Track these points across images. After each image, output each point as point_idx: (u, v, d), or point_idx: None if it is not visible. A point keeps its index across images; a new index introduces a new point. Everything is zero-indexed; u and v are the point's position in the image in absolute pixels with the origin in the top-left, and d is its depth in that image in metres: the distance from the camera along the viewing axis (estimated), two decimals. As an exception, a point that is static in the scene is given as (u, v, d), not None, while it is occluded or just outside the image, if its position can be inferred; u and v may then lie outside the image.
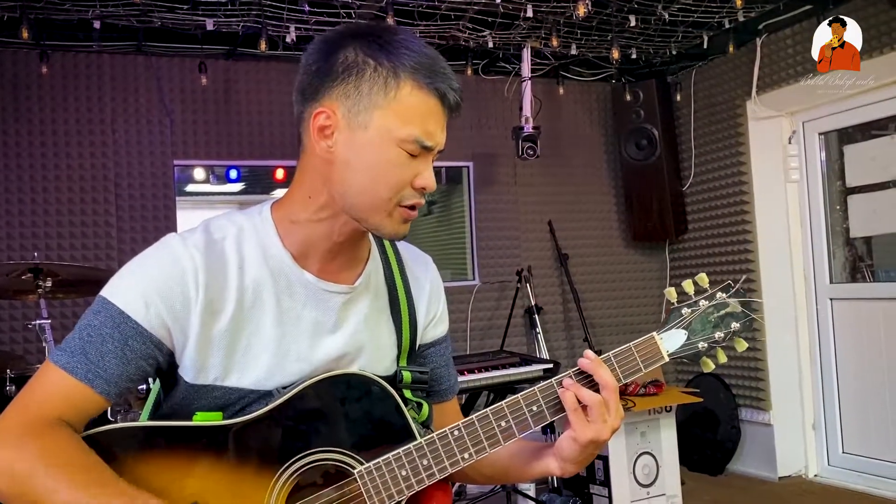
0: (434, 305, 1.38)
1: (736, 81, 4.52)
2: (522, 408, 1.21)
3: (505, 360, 3.39)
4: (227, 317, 1.16)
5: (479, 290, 4.69)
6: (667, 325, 1.28)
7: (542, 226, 4.84)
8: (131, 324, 1.11)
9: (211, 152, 4.22)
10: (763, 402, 4.47)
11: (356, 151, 1.14)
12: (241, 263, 1.18)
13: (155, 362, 1.15)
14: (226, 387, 1.17)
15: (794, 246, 4.49)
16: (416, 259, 1.39)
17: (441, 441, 1.18)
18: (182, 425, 1.14)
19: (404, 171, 1.15)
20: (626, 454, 3.79)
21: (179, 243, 1.16)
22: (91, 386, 1.09)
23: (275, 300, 1.19)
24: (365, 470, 1.16)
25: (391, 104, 1.12)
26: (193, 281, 1.14)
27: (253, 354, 1.18)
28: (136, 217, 4.04)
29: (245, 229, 1.21)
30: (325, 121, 1.14)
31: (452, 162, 4.74)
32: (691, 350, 1.28)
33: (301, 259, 1.21)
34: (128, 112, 4.05)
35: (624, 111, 4.88)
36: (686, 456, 4.32)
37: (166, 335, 1.14)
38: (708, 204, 4.80)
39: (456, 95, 1.16)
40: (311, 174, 1.19)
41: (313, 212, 1.19)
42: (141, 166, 4.07)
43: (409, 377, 1.30)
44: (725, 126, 4.62)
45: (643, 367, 1.25)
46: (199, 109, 4.19)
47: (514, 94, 4.62)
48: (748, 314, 1.30)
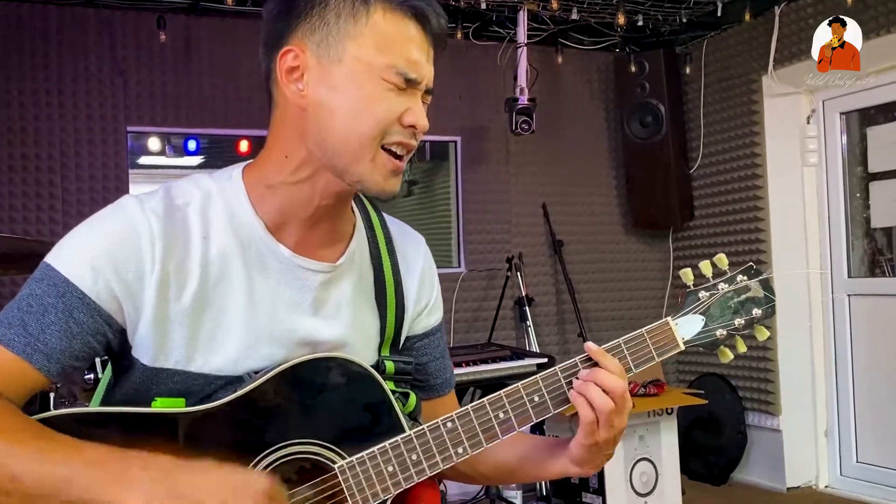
0: (427, 292, 1.36)
1: (751, 54, 4.52)
2: (523, 398, 1.20)
3: (494, 354, 3.39)
4: (190, 293, 1.14)
5: (465, 279, 4.68)
6: (683, 310, 1.28)
7: (535, 209, 4.83)
8: (77, 293, 1.08)
9: (168, 118, 4.16)
10: (772, 405, 4.50)
11: (331, 89, 1.12)
12: (207, 233, 1.16)
13: (104, 339, 1.12)
14: (188, 372, 1.14)
15: (811, 236, 4.51)
16: (406, 237, 1.37)
17: (432, 434, 1.17)
18: (139, 411, 1.11)
19: (390, 106, 1.12)
20: (623, 460, 3.80)
21: (136, 207, 1.13)
22: (29, 361, 1.07)
23: (244, 276, 1.17)
24: (347, 464, 1.14)
25: (364, 31, 1.11)
26: (149, 250, 1.11)
27: (219, 337, 1.15)
28: (83, 189, 3.98)
29: (212, 195, 1.18)
30: (293, 61, 1.13)
31: (438, 136, 4.72)
32: (709, 338, 1.27)
33: (276, 230, 1.19)
34: (77, 71, 3.98)
35: (628, 84, 4.87)
36: (687, 463, 4.34)
37: (116, 309, 1.11)
38: (717, 188, 4.81)
39: (437, 17, 1.14)
40: (284, 129, 1.17)
41: (290, 172, 1.17)
42: (90, 132, 4.01)
43: (393, 367, 1.28)
44: (738, 103, 4.63)
45: (656, 355, 1.25)
46: (157, 70, 4.12)
47: (508, 63, 4.59)
48: (771, 299, 1.30)
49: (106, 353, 1.15)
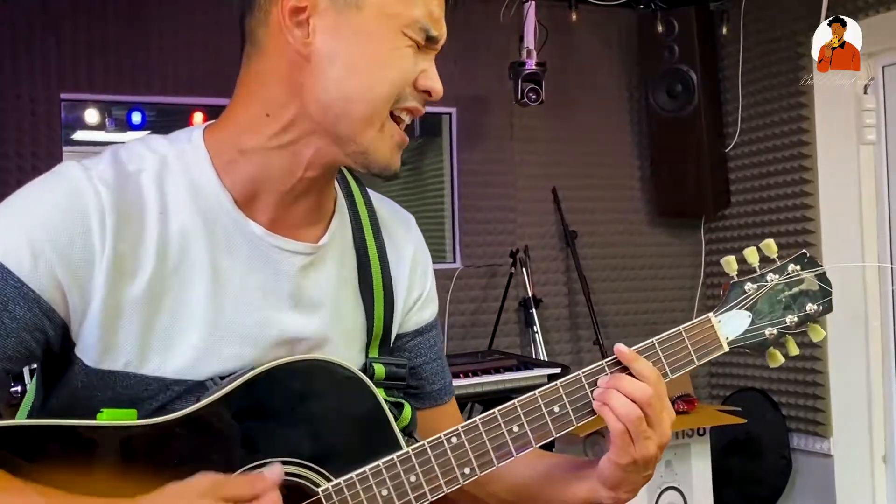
0: (419, 281, 1.37)
1: (799, 11, 4.52)
2: (541, 408, 1.21)
3: (498, 363, 3.40)
4: (144, 279, 1.12)
5: (462, 276, 4.69)
6: (726, 305, 1.30)
7: (544, 194, 4.85)
8: (13, 281, 1.06)
9: (109, 84, 4.14)
10: (822, 426, 4.53)
11: (344, 39, 1.12)
12: (164, 207, 1.14)
13: (43, 337, 1.09)
14: (141, 375, 1.13)
15: (867, 225, 4.52)
16: (394, 217, 1.37)
17: (434, 451, 1.16)
18: (82, 424, 1.08)
19: (408, 64, 1.15)
20: (647, 489, 3.82)
21: (81, 174, 1.11)
22: None
23: (208, 259, 1.15)
24: (333, 488, 1.13)
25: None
26: (99, 225, 1.09)
27: (178, 331, 1.14)
28: (9, 168, 3.96)
29: (169, 162, 1.16)
30: (300, 0, 1.10)
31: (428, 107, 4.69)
32: (756, 338, 1.29)
33: (246, 204, 1.17)
34: (2, 28, 3.95)
35: (653, 47, 4.88)
36: (721, 492, 4.35)
37: (59, 299, 1.09)
38: (757, 171, 4.83)
39: None
40: (270, 81, 1.15)
41: (271, 135, 1.15)
42: (17, 99, 3.98)
43: (383, 371, 1.28)
44: (784, 70, 4.64)
45: (696, 357, 1.27)
46: (96, 28, 4.09)
47: (513, 21, 4.58)
48: (828, 292, 1.32)
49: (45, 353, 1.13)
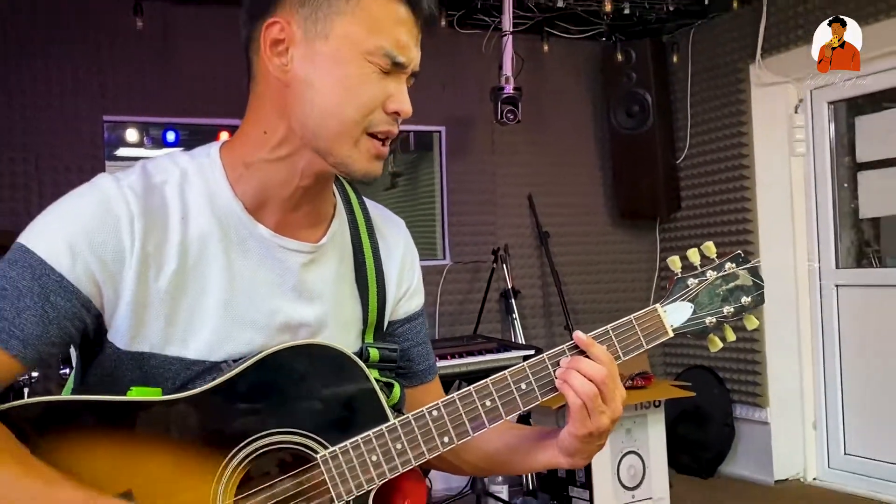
0: (408, 275, 1.35)
1: (738, 43, 4.52)
2: (510, 385, 1.19)
3: (481, 346, 3.39)
4: (168, 275, 1.11)
5: (451, 271, 4.66)
6: (671, 297, 1.28)
7: (521, 200, 4.82)
8: (55, 276, 1.05)
9: (146, 108, 4.12)
10: (760, 398, 4.52)
11: (317, 66, 1.09)
12: (185, 213, 1.13)
13: (81, 325, 1.09)
14: (165, 356, 1.12)
15: (798, 227, 4.53)
16: (386, 220, 1.36)
17: (417, 422, 1.15)
18: (114, 400, 1.08)
19: (374, 90, 1.10)
20: (610, 453, 3.81)
21: (113, 185, 1.11)
22: (5, 347, 1.03)
23: (223, 257, 1.14)
24: (329, 454, 1.12)
25: (354, 10, 1.09)
26: (129, 229, 1.08)
27: (197, 319, 1.13)
28: (60, 181, 3.92)
29: (190, 173, 1.15)
30: (279, 33, 1.10)
31: (422, 126, 4.69)
32: (698, 325, 1.27)
33: (256, 210, 1.16)
34: (51, 60, 3.92)
35: (614, 73, 4.87)
36: (674, 456, 4.35)
37: (95, 293, 1.08)
38: (704, 179, 4.82)
39: (428, 2, 1.13)
40: (264, 104, 1.14)
41: (270, 150, 1.14)
42: (66, 122, 3.95)
43: (377, 355, 1.26)
44: (726, 93, 4.63)
45: (645, 342, 1.25)
46: (134, 58, 4.07)
47: (494, 51, 4.56)
48: (760, 286, 1.30)
49: (83, 338, 1.12)
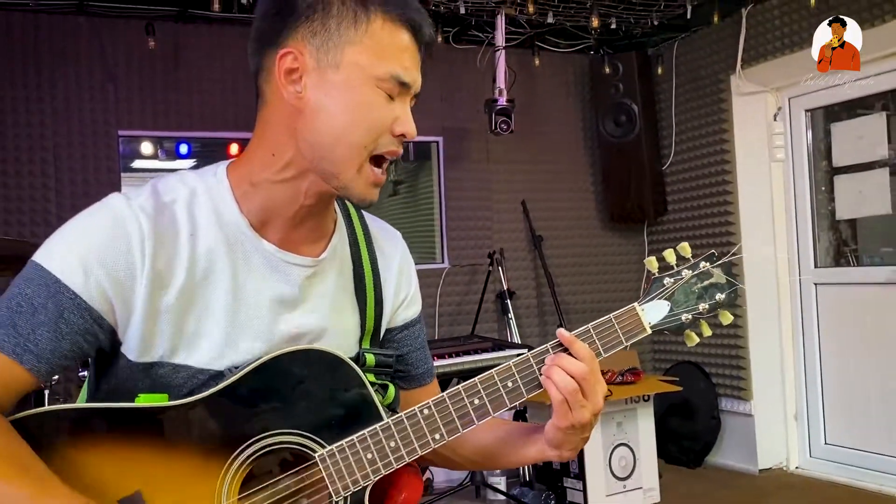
0: (405, 285, 1.35)
1: (720, 55, 4.53)
2: (497, 383, 1.20)
3: (476, 346, 3.39)
4: (177, 289, 1.11)
5: (449, 274, 4.67)
6: (648, 296, 1.28)
7: (515, 206, 4.83)
8: (68, 294, 1.05)
9: (159, 123, 4.12)
10: (744, 391, 4.52)
11: (329, 93, 1.10)
12: (194, 230, 1.13)
13: (95, 340, 1.09)
14: (173, 364, 1.12)
15: (778, 229, 4.53)
16: (384, 234, 1.36)
17: (409, 421, 1.16)
18: (123, 407, 1.09)
19: (383, 114, 1.12)
20: (602, 446, 3.81)
21: (124, 205, 1.10)
22: (19, 361, 1.03)
23: (230, 271, 1.15)
24: (327, 453, 1.13)
25: (363, 39, 1.10)
26: (139, 248, 1.08)
27: (204, 330, 1.13)
28: (77, 192, 3.94)
29: (198, 192, 1.16)
30: (293, 63, 1.10)
31: (421, 136, 4.65)
32: (674, 322, 1.27)
33: (260, 226, 1.17)
34: (68, 77, 3.94)
35: (602, 85, 4.88)
36: (663, 448, 4.35)
37: (108, 309, 1.08)
38: (689, 184, 4.82)
39: (429, 29, 1.15)
40: (274, 128, 1.14)
41: (276, 171, 1.15)
42: (83, 137, 3.97)
43: (373, 360, 1.27)
44: (708, 102, 4.64)
45: (624, 339, 1.25)
46: (146, 76, 4.08)
47: (487, 65, 4.57)
48: (734, 283, 1.30)
49: (97, 351, 1.12)
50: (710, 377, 4.68)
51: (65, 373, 3.38)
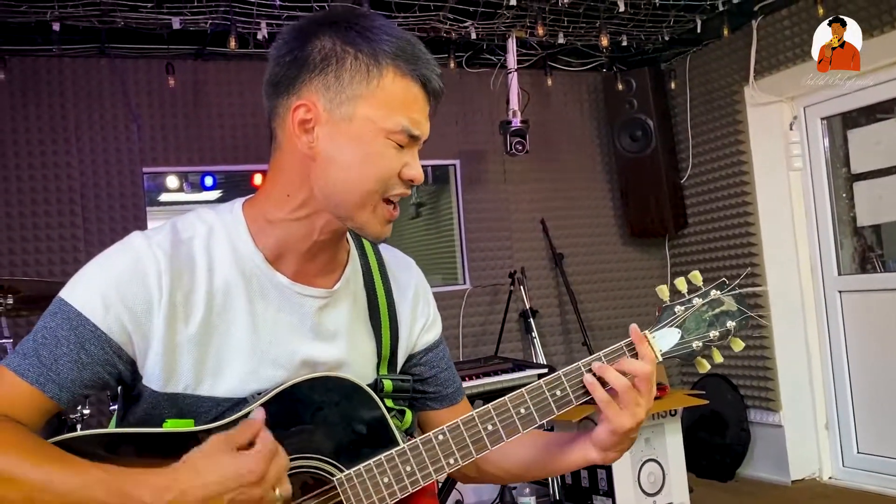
0: (423, 310, 1.39)
1: (732, 67, 4.55)
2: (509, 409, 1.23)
3: (497, 367, 3.40)
4: (196, 322, 1.16)
5: (471, 295, 4.70)
6: (659, 324, 1.30)
7: (534, 224, 4.85)
8: (89, 326, 1.11)
9: (182, 158, 4.22)
10: (772, 402, 4.49)
11: (341, 145, 1.15)
12: (211, 265, 1.19)
13: (114, 371, 1.15)
14: (197, 395, 1.17)
15: (800, 237, 4.51)
16: (398, 263, 1.40)
17: (425, 446, 1.19)
18: (151, 432, 1.15)
19: (392, 163, 1.16)
20: (630, 462, 3.80)
21: (143, 243, 1.17)
22: (42, 390, 1.10)
23: (247, 304, 1.20)
24: (345, 477, 1.17)
25: (374, 93, 1.14)
26: (156, 283, 1.14)
27: (225, 361, 1.18)
28: (104, 230, 4.03)
29: (215, 229, 1.21)
30: (306, 114, 1.15)
31: (438, 160, 4.75)
32: (685, 349, 1.29)
33: (275, 260, 1.22)
34: (92, 118, 4.05)
35: (616, 101, 4.90)
36: (693, 462, 4.33)
37: (126, 341, 1.14)
38: (708, 196, 4.83)
39: (438, 81, 1.19)
40: (288, 171, 1.19)
41: (291, 210, 1.20)
42: (108, 175, 4.07)
43: (391, 386, 1.31)
44: (723, 114, 4.65)
45: None
46: (168, 113, 4.18)
47: (501, 87, 4.63)
48: (744, 312, 1.31)
49: (118, 382, 1.18)
50: (737, 389, 4.65)
51: (97, 405, 3.45)
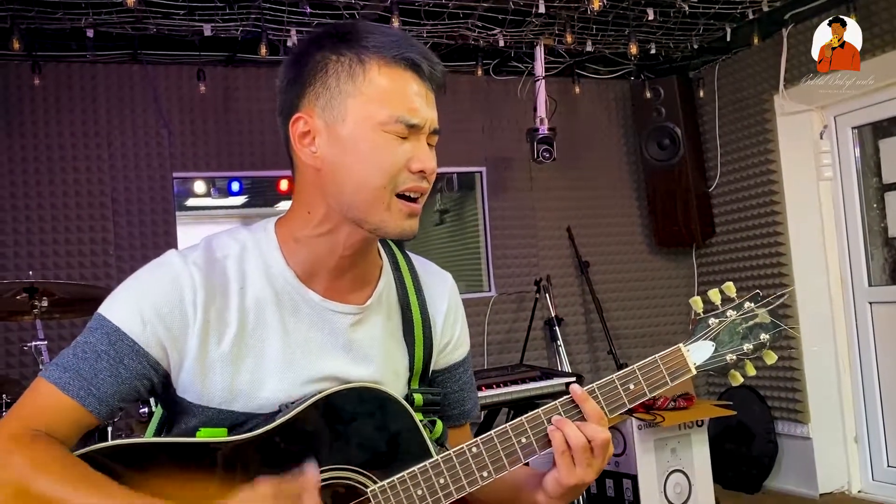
0: (450, 328, 1.37)
1: (762, 75, 4.50)
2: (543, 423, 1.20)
3: (525, 375, 3.38)
4: (229, 339, 1.17)
5: (496, 302, 4.68)
6: (693, 337, 1.28)
7: (560, 232, 4.83)
8: (127, 342, 1.13)
9: (211, 163, 4.25)
10: (801, 414, 4.43)
11: (341, 148, 1.15)
12: (243, 283, 1.19)
13: (150, 383, 1.16)
14: (231, 411, 1.18)
15: (829, 247, 4.45)
16: (432, 276, 1.38)
17: (458, 458, 1.18)
18: (185, 441, 1.15)
19: (395, 155, 1.14)
20: (657, 472, 3.76)
21: (179, 261, 1.18)
22: (83, 404, 1.11)
23: (279, 321, 1.20)
24: (378, 489, 1.16)
25: (362, 89, 1.14)
26: (191, 300, 1.15)
27: (258, 380, 1.19)
28: (134, 234, 4.07)
29: (248, 248, 1.22)
30: (304, 126, 1.17)
31: (464, 167, 4.75)
32: (719, 363, 1.27)
33: (306, 278, 1.22)
34: (124, 123, 4.09)
35: (644, 109, 4.87)
36: (720, 473, 4.28)
37: (163, 355, 1.15)
38: (736, 205, 4.78)
39: (430, 64, 1.17)
40: (306, 189, 1.21)
41: (314, 227, 1.21)
42: (139, 180, 4.10)
43: (422, 399, 1.30)
44: (752, 122, 4.60)
45: (670, 380, 1.25)
46: (198, 119, 4.22)
47: (528, 95, 4.62)
48: (778, 324, 1.29)
49: (150, 394, 1.19)
50: (764, 400, 4.59)
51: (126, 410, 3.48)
